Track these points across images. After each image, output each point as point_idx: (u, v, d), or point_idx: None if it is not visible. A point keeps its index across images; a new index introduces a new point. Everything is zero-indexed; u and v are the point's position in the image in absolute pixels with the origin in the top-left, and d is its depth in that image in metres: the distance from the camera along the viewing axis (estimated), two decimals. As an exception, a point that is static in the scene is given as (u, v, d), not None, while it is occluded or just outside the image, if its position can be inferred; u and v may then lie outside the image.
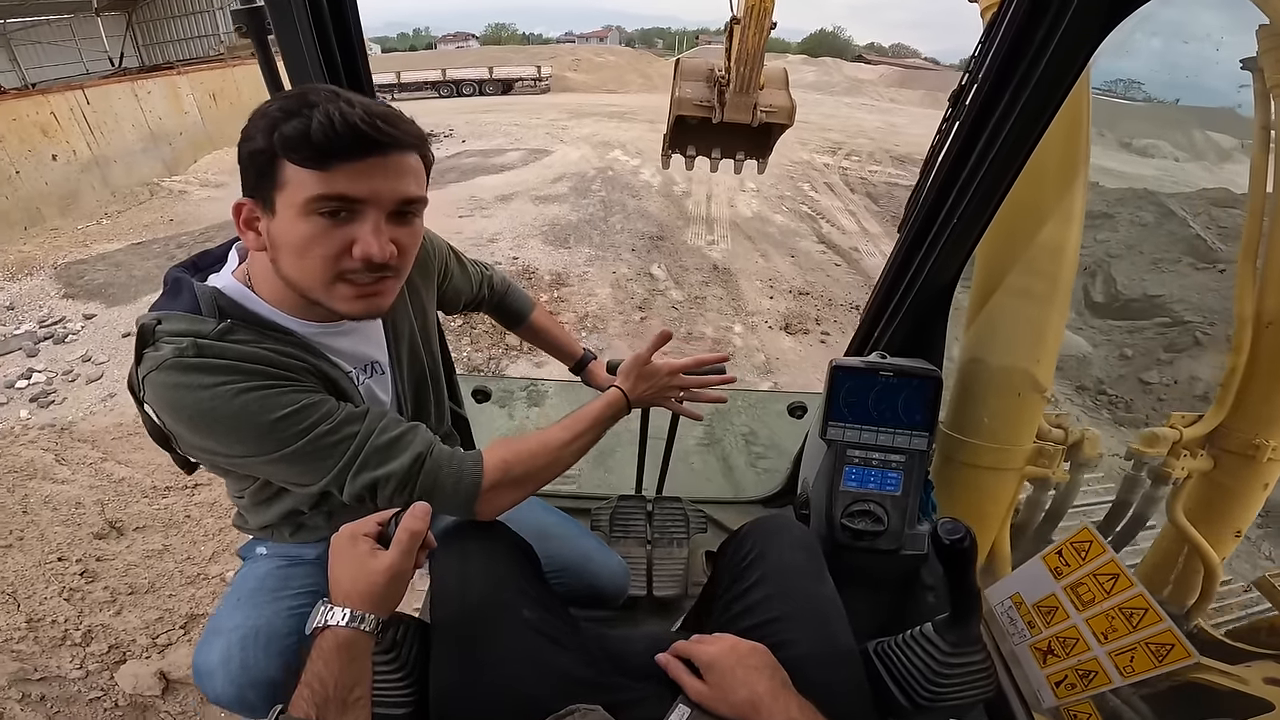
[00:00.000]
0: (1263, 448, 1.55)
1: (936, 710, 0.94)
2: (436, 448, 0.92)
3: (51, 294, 6.43)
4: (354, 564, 0.74)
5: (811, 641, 0.94)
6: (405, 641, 0.89)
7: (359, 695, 0.70)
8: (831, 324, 5.75)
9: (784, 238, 8.16)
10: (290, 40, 0.97)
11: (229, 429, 0.81)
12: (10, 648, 2.47)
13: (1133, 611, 0.97)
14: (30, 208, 8.38)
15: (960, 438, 1.58)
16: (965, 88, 1.08)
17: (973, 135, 1.08)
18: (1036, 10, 0.92)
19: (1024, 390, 1.53)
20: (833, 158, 13.33)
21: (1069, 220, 1.42)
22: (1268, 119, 1.50)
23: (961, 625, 0.91)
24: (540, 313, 1.55)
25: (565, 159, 12.39)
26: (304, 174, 0.77)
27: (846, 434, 1.29)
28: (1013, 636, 1.14)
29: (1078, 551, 1.06)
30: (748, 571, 1.05)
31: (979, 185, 1.09)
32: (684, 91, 5.06)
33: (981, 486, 1.63)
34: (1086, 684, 1.00)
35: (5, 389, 4.89)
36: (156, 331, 0.82)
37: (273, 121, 0.76)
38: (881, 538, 1.23)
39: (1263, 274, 1.53)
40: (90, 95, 9.58)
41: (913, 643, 0.95)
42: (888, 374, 1.26)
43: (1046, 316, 1.50)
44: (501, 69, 29.94)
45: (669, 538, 1.81)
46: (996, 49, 0.99)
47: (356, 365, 1.01)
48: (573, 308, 5.94)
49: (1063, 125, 1.15)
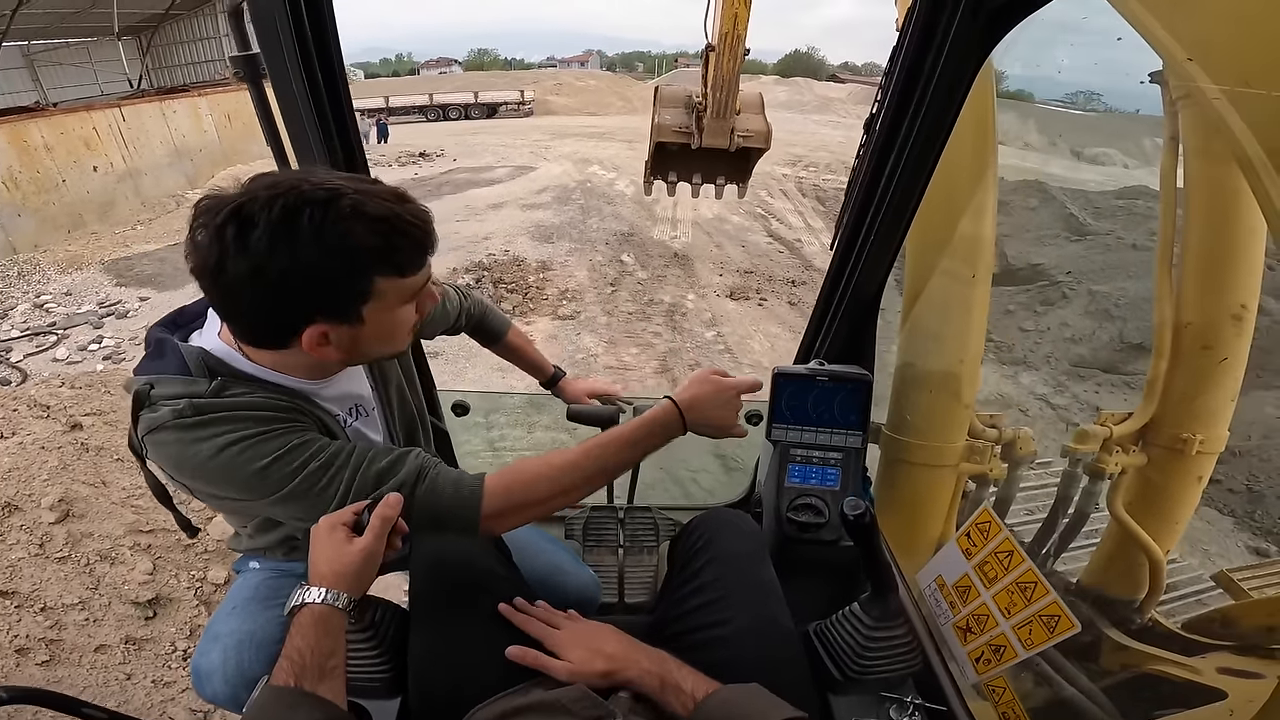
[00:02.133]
0: (1190, 441, 1.58)
1: (866, 682, 1.01)
2: (430, 471, 0.90)
3: (105, 283, 7.46)
4: (331, 548, 0.78)
5: (751, 618, 0.98)
6: (383, 622, 0.95)
7: (334, 664, 0.74)
8: (770, 294, 6.95)
9: (737, 233, 9.40)
10: (283, 84, 1.03)
11: (232, 478, 0.83)
12: (131, 503, 3.14)
13: (1026, 585, 0.98)
14: (73, 213, 9.34)
15: (898, 437, 1.63)
16: (876, 114, 1.15)
17: (884, 153, 1.16)
18: (928, 32, 1.00)
19: (950, 390, 1.57)
20: (791, 169, 14.65)
21: (982, 217, 1.48)
22: (1175, 130, 1.53)
23: (880, 600, 0.98)
24: (515, 333, 1.60)
25: (549, 173, 13.56)
26: (398, 281, 0.83)
27: (789, 435, 1.37)
28: (939, 617, 1.16)
29: (981, 532, 1.08)
30: (696, 557, 1.10)
31: (894, 194, 1.17)
32: (663, 118, 5.20)
33: (920, 483, 1.67)
34: (999, 658, 1.02)
35: (79, 351, 5.93)
36: (151, 395, 0.82)
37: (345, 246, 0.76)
38: (823, 529, 1.30)
39: (1179, 278, 1.57)
40: (126, 113, 10.52)
41: (843, 620, 1.03)
42: (824, 379, 1.34)
43: (967, 315, 1.54)
44: (486, 93, 31.21)
45: (640, 546, 1.87)
46: (899, 68, 1.07)
47: (343, 410, 1.03)
48: (556, 285, 7.10)
49: (970, 128, 1.22)
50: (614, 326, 6.24)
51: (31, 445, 3.44)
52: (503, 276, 7.20)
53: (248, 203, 0.74)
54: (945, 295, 1.55)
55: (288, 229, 0.74)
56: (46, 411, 3.81)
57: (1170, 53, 0.83)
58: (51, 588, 2.60)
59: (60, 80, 17.46)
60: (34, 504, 3.00)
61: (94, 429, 3.68)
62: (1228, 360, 1.53)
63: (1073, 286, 6.50)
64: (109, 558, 2.84)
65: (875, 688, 1.03)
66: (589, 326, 6.22)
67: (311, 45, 1.02)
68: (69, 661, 2.41)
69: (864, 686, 1.02)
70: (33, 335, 6.27)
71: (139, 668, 2.45)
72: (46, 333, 6.31)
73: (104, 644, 2.47)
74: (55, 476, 3.22)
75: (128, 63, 15.84)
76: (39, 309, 6.89)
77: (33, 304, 6.99)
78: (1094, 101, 10.88)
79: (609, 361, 5.44)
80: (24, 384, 5.15)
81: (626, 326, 6.24)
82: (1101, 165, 11.52)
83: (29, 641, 2.38)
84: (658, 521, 1.93)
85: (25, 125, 8.97)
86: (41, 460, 3.31)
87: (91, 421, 3.74)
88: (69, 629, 2.48)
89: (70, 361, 5.71)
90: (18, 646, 2.34)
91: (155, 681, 2.42)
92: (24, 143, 8.82)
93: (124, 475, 3.43)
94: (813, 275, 7.51)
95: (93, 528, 2.99)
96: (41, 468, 3.25)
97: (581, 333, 6.07)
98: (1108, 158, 11.66)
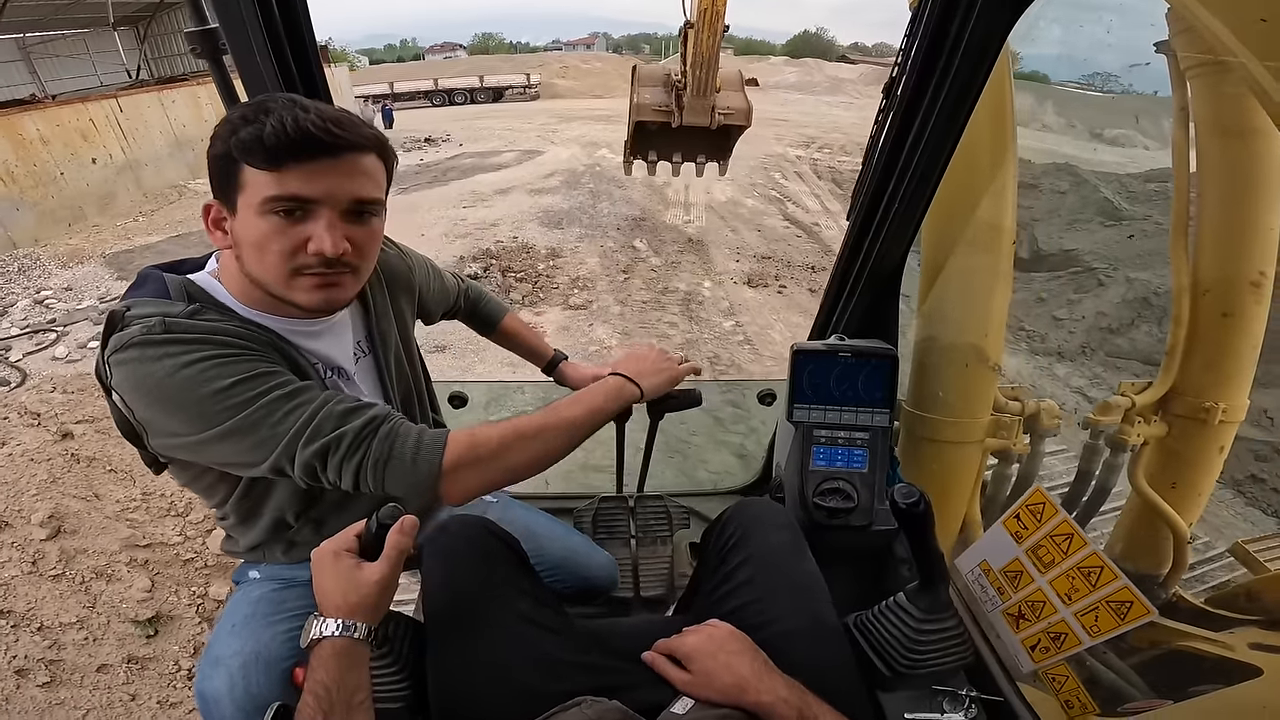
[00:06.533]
0: (1213, 410, 1.57)
1: (917, 677, 0.96)
2: (397, 419, 0.89)
3: (106, 277, 7.28)
4: (341, 579, 0.75)
5: (796, 618, 0.94)
6: (399, 637, 0.90)
7: (361, 699, 0.72)
8: (789, 280, 6.67)
9: (753, 216, 9.11)
10: (247, 60, 0.98)
11: (186, 400, 0.80)
12: (125, 516, 3.04)
13: (1090, 570, 0.95)
14: (73, 206, 9.17)
15: (921, 414, 1.60)
16: (895, 79, 1.13)
17: (905, 122, 1.13)
18: (951, 2, 0.98)
19: (974, 363, 1.54)
20: (805, 150, 14.30)
21: (1003, 197, 1.46)
22: (1185, 100, 1.51)
23: (930, 591, 0.93)
24: (511, 318, 1.57)
25: (556, 158, 13.31)
26: (260, 176, 0.80)
27: (812, 415, 1.31)
28: (985, 604, 1.12)
29: (1033, 514, 1.04)
30: (731, 554, 1.05)
31: (916, 167, 1.14)
32: (642, 97, 5.02)
33: (945, 460, 1.64)
34: (1059, 646, 0.99)
35: (79, 349, 5.77)
36: (126, 316, 0.82)
37: (232, 127, 0.79)
38: (853, 514, 1.24)
39: (1195, 246, 1.56)
40: (123, 104, 10.36)
41: (888, 612, 0.97)
42: (846, 355, 1.29)
43: (991, 291, 1.51)
44: (492, 77, 30.99)
45: (653, 536, 1.81)
46: (920, 40, 1.04)
47: (324, 364, 1.01)
48: (566, 273, 6.85)
49: (989, 109, 1.20)
50: (628, 316, 6.00)
51: (20, 457, 3.34)
52: (511, 264, 6.96)
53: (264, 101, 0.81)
54: (969, 270, 1.52)
55: (240, 112, 0.80)
56: (37, 419, 3.69)
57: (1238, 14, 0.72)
58: (47, 606, 2.52)
59: (58, 72, 17.34)
60: (24, 520, 2.89)
61: (85, 438, 3.56)
62: (1247, 327, 1.54)
63: (1109, 273, 6.20)
64: (105, 574, 2.75)
65: (926, 681, 0.98)
66: (601, 317, 5.98)
67: (277, 16, 0.97)
68: (71, 683, 2.32)
69: (913, 681, 0.97)
70: (32, 333, 6.12)
71: (143, 688, 2.38)
72: (46, 330, 6.16)
73: (105, 664, 2.39)
74: (45, 490, 3.12)
75: (125, 53, 15.69)
76: (39, 305, 6.72)
77: (33, 300, 6.83)
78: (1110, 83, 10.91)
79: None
80: (23, 385, 5.01)
81: (641, 316, 6.00)
82: (1121, 147, 11.36)
83: (28, 662, 2.30)
84: (670, 510, 1.86)
85: (19, 118, 8.79)
86: (30, 473, 3.20)
87: (83, 430, 3.62)
88: (68, 649, 2.39)
89: (70, 360, 5.55)
90: (17, 668, 2.27)
91: (161, 702, 2.35)
92: (19, 136, 8.64)
93: (117, 488, 3.30)
94: (833, 261, 7.12)
95: (86, 543, 2.89)
96: (30, 481, 3.14)
97: (594, 323, 5.84)
98: (1128, 139, 11.53)
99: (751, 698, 0.80)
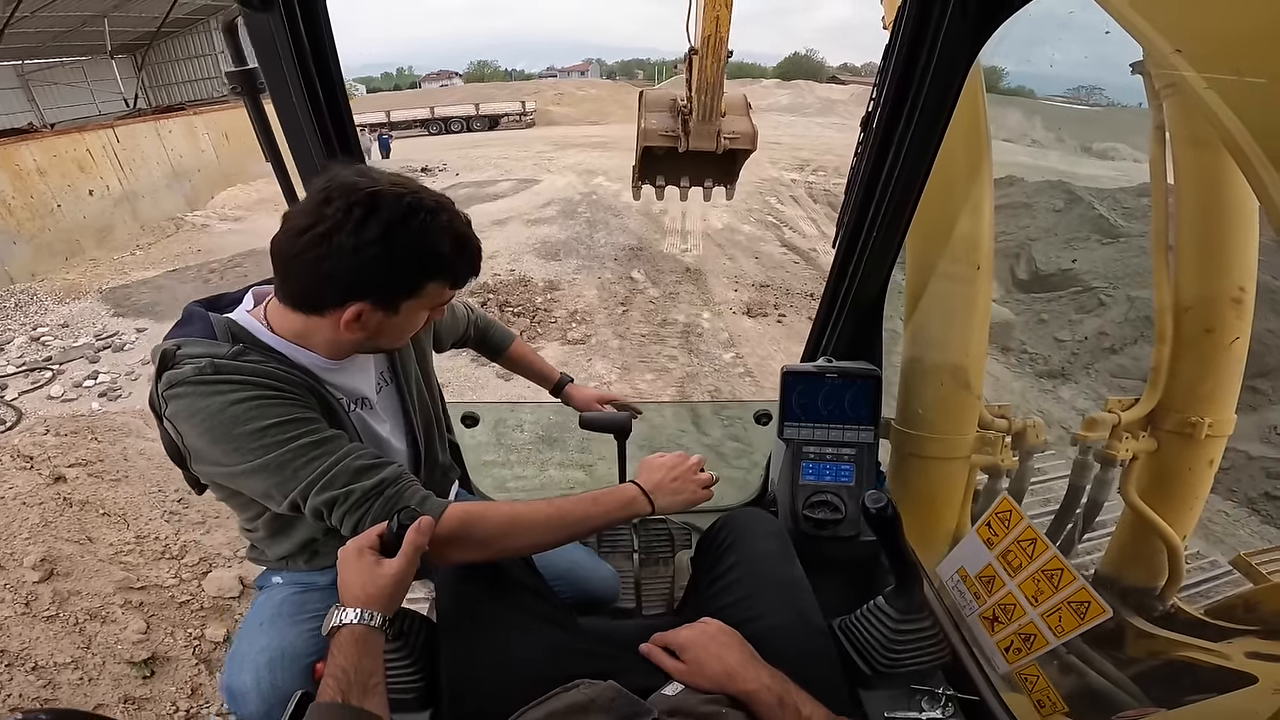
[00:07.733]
0: (1199, 425, 1.59)
1: (896, 676, 1.01)
2: (405, 483, 0.95)
3: (102, 313, 7.25)
4: (363, 573, 0.81)
5: (781, 614, 1.00)
6: (412, 631, 0.96)
7: (376, 682, 0.78)
8: (788, 308, 6.66)
9: (750, 243, 9.15)
10: (283, 98, 1.06)
11: (229, 434, 0.88)
12: (119, 559, 2.97)
13: (1053, 573, 0.99)
14: (70, 239, 9.13)
15: (909, 431, 1.63)
16: (872, 114, 1.18)
17: (881, 151, 1.18)
18: (919, 31, 1.03)
19: (955, 381, 1.58)
20: (800, 174, 14.41)
21: (979, 213, 1.50)
22: (1161, 118, 1.55)
23: (905, 593, 0.99)
24: (519, 344, 1.66)
25: (553, 186, 13.37)
26: (443, 287, 0.96)
27: (801, 432, 1.38)
28: (964, 608, 1.17)
29: (1002, 521, 1.09)
30: (724, 556, 1.12)
31: (894, 189, 1.20)
32: (649, 123, 4.79)
33: (933, 476, 1.68)
34: (1029, 647, 1.03)
35: (75, 388, 5.71)
36: (177, 355, 0.89)
37: (431, 251, 0.90)
38: (841, 525, 1.31)
39: (1176, 263, 1.59)
40: (120, 134, 10.32)
41: (868, 615, 1.04)
42: (833, 376, 1.37)
43: (971, 309, 1.55)
44: (487, 105, 31.23)
45: (655, 557, 1.85)
46: (892, 71, 1.10)
47: (349, 397, 1.09)
48: (564, 306, 6.84)
49: (962, 127, 1.25)
50: (627, 350, 5.97)
51: (13, 500, 3.27)
52: (509, 299, 6.94)
53: (381, 194, 0.86)
54: (949, 289, 1.56)
55: (403, 223, 0.86)
56: (30, 463, 3.62)
57: (1154, 44, 0.81)
58: (41, 646, 2.50)
59: (57, 100, 17.43)
60: (16, 563, 2.84)
61: (78, 482, 3.49)
62: (1229, 342, 1.56)
63: (1109, 292, 6.21)
64: (99, 616, 2.71)
65: (905, 681, 1.02)
66: (600, 351, 5.96)
67: (310, 58, 1.03)
68: (67, 721, 2.29)
69: (893, 680, 1.02)
70: (28, 371, 6.07)
71: (142, 728, 2.36)
72: (42, 368, 6.11)
73: (102, 703, 2.38)
74: (37, 534, 3.06)
75: (123, 81, 15.78)
76: (35, 342, 6.69)
77: (29, 337, 6.80)
78: (1095, 96, 11.07)
79: (623, 390, 5.17)
80: (17, 425, 4.95)
81: (640, 350, 5.97)
82: (1110, 160, 11.56)
83: (23, 700, 2.30)
84: (673, 531, 1.92)
85: (16, 148, 8.76)
86: (23, 517, 3.15)
87: (76, 474, 3.55)
88: (63, 688, 2.39)
89: (65, 399, 5.50)
90: (12, 705, 2.27)
91: (160, 743, 2.32)
92: (15, 166, 8.62)
93: (110, 531, 3.23)
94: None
95: (80, 585, 2.85)
96: (23, 525, 3.09)
97: (593, 358, 5.81)
98: (1116, 152, 11.80)
99: (738, 685, 0.86)
